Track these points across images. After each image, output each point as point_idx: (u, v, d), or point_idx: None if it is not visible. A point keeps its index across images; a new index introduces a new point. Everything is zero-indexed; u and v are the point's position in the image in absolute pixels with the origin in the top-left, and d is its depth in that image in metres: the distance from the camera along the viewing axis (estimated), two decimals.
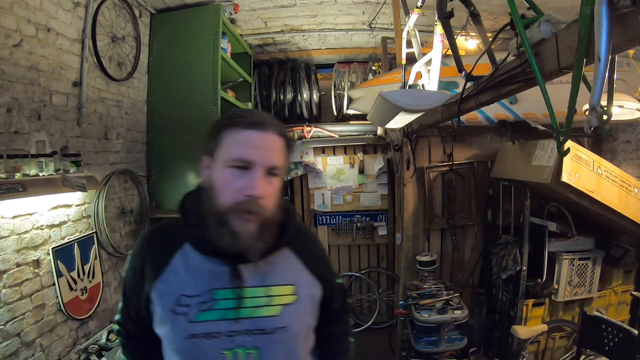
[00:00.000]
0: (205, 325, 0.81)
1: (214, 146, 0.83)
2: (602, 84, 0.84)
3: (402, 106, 1.78)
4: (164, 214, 2.88)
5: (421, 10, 2.22)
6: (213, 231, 0.80)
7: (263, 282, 0.86)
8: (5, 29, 1.73)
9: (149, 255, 0.88)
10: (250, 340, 0.82)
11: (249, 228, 0.79)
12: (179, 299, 0.82)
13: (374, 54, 4.05)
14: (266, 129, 0.82)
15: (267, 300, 0.85)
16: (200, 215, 0.84)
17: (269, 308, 0.85)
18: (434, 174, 3.10)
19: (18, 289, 1.76)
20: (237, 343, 0.82)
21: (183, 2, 2.96)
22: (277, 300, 0.86)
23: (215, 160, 0.83)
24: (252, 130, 0.81)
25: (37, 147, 1.90)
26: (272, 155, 0.82)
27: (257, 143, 0.81)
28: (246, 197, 0.79)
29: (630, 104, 2.04)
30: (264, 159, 0.81)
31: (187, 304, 0.82)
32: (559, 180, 2.20)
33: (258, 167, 0.80)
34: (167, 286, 0.84)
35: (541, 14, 1.14)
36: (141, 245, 0.92)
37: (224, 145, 0.81)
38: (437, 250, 3.17)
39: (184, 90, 2.93)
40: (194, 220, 0.85)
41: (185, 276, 0.84)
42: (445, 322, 2.56)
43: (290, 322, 0.86)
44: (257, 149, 0.80)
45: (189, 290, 0.83)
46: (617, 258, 2.68)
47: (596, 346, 2.22)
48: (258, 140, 0.81)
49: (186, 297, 0.82)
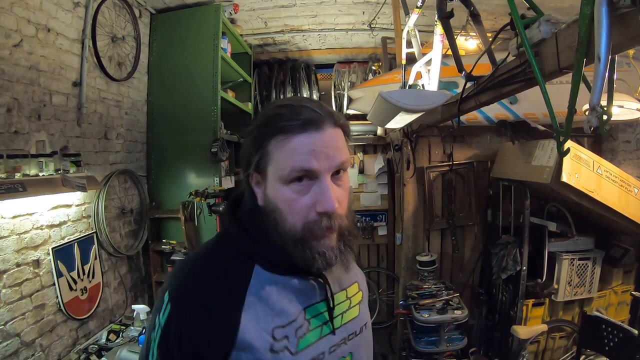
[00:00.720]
0: (309, 351, 0.70)
1: (262, 161, 0.68)
2: (602, 84, 0.84)
3: (402, 106, 1.78)
4: (164, 214, 2.89)
5: (421, 10, 2.22)
6: (293, 253, 0.67)
7: (341, 286, 0.80)
8: (5, 29, 1.73)
9: (210, 312, 0.65)
10: (346, 348, 0.76)
11: (331, 243, 0.68)
12: (273, 333, 0.67)
13: (374, 54, 4.05)
14: (322, 126, 0.66)
15: (348, 303, 0.79)
16: (268, 235, 0.69)
17: (352, 310, 0.80)
18: (434, 174, 3.10)
19: (18, 289, 1.76)
20: (338, 356, 0.74)
21: (183, 2, 2.96)
22: (354, 300, 0.81)
23: (267, 177, 0.68)
24: (306, 134, 0.65)
25: (37, 147, 1.90)
26: (336, 154, 0.67)
27: (316, 148, 0.65)
28: (319, 214, 0.66)
29: (630, 104, 2.04)
30: (329, 163, 0.66)
31: (284, 335, 0.68)
32: (559, 180, 2.20)
33: (324, 174, 0.66)
34: (254, 327, 0.65)
35: (541, 14, 1.14)
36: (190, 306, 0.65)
37: (275, 160, 0.66)
38: (437, 250, 3.17)
39: (184, 90, 2.94)
40: (262, 240, 0.70)
41: (271, 305, 0.68)
42: (445, 322, 2.56)
43: (367, 318, 0.84)
44: (318, 155, 0.65)
45: (281, 320, 0.68)
46: (617, 258, 2.68)
47: (596, 346, 2.22)
48: (316, 144, 0.65)
49: (281, 328, 0.67)
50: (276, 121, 0.66)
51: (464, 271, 3.18)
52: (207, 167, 2.89)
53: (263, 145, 0.67)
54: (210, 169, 2.89)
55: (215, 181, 2.88)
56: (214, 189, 2.64)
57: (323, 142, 0.66)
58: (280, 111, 0.68)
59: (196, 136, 2.90)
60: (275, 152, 0.66)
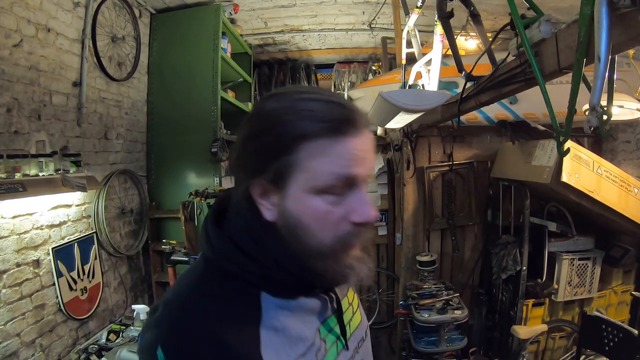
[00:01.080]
0: None
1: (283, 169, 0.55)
2: (602, 84, 0.84)
3: (402, 106, 1.78)
4: (164, 214, 2.89)
5: (421, 10, 2.22)
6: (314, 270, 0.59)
7: (343, 293, 0.73)
8: (5, 29, 1.73)
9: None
10: (358, 357, 0.71)
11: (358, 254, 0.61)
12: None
13: (374, 54, 4.05)
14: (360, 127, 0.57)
15: (352, 309, 0.75)
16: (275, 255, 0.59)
17: (356, 316, 0.75)
18: (434, 174, 3.10)
19: (18, 289, 1.76)
20: None
21: (183, 2, 2.96)
22: (354, 304, 0.76)
23: (289, 188, 0.56)
24: (346, 137, 0.55)
25: (37, 147, 1.90)
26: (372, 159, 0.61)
27: (358, 152, 0.56)
28: (355, 225, 0.58)
29: (630, 104, 2.04)
30: (367, 170, 0.58)
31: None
32: (559, 180, 2.20)
33: (362, 182, 0.58)
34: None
35: (541, 14, 1.14)
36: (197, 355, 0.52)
37: (307, 168, 0.55)
38: (437, 250, 3.17)
39: (184, 90, 2.94)
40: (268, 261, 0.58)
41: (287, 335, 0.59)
42: (445, 322, 2.55)
43: (365, 319, 0.79)
44: (360, 161, 0.56)
45: (300, 348, 0.60)
46: (617, 258, 2.68)
47: (596, 346, 2.22)
48: (357, 148, 0.56)
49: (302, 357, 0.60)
50: (304, 119, 0.54)
51: (464, 271, 3.18)
52: (207, 167, 2.89)
53: (288, 149, 0.54)
54: (210, 169, 2.89)
55: (215, 181, 2.88)
56: (214, 189, 2.64)
57: (363, 145, 0.57)
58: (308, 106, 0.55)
59: (196, 136, 2.90)
60: (307, 159, 0.54)
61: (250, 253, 0.58)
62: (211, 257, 0.61)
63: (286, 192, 0.57)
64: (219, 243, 0.60)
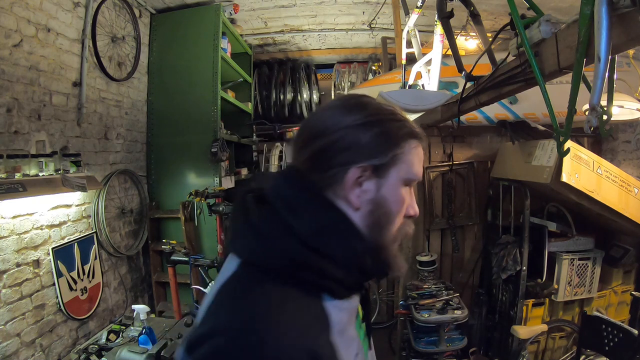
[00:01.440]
0: None
1: (391, 160, 0.61)
2: (602, 84, 0.84)
3: (402, 106, 1.78)
4: (163, 214, 2.89)
5: (421, 10, 2.22)
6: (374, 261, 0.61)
7: None
8: (5, 29, 1.73)
9: None
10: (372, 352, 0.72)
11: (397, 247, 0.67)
12: None
13: (374, 54, 4.05)
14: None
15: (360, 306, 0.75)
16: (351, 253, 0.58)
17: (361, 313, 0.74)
18: (434, 174, 3.10)
19: (18, 289, 1.76)
20: None
21: (183, 2, 2.96)
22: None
23: (390, 177, 0.62)
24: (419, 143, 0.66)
25: (37, 147, 1.90)
26: None
27: (421, 157, 0.67)
28: (408, 218, 0.66)
29: (630, 104, 2.04)
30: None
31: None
32: (559, 180, 2.20)
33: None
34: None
35: (541, 14, 1.14)
36: None
37: (407, 162, 0.63)
38: (437, 250, 3.17)
39: (184, 90, 2.94)
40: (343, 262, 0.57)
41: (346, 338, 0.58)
42: (445, 322, 2.55)
43: None
44: (421, 164, 0.68)
45: (354, 348, 0.61)
46: (617, 258, 2.68)
47: (596, 346, 2.22)
48: (422, 154, 0.67)
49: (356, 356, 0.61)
50: (404, 123, 0.64)
51: (464, 271, 3.18)
52: (207, 167, 2.89)
53: (399, 144, 0.62)
54: (210, 169, 2.89)
55: (215, 181, 2.88)
56: (214, 189, 2.64)
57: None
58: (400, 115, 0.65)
59: (196, 136, 2.90)
60: (408, 154, 0.63)
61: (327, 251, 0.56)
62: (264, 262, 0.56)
63: (386, 179, 0.62)
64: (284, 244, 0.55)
